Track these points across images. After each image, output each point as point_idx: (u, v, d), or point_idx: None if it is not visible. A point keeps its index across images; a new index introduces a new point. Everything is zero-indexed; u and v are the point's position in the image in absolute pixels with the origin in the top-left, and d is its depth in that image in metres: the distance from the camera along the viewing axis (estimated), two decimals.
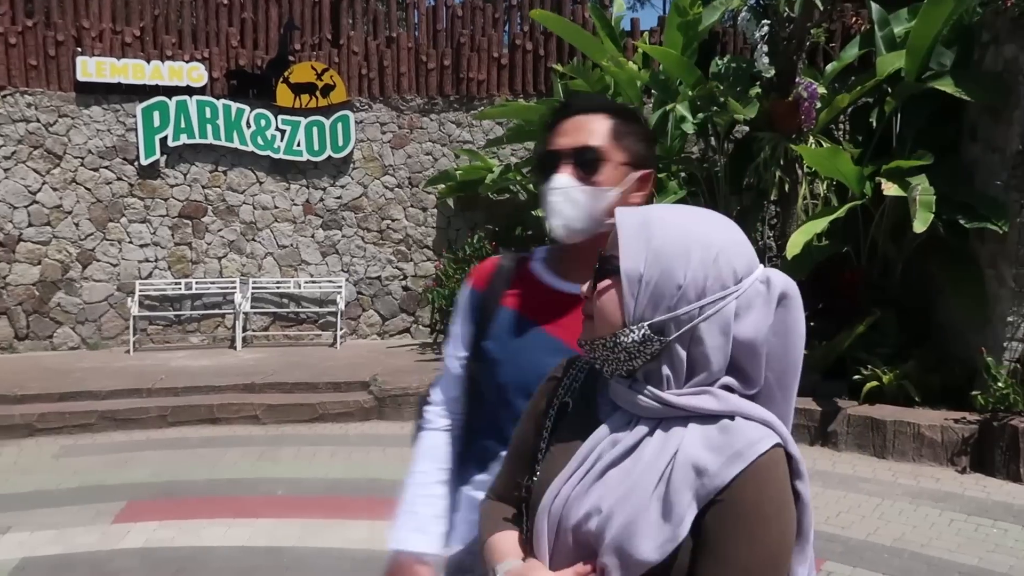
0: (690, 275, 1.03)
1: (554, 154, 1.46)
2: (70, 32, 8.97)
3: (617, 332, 1.06)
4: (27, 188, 8.91)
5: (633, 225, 1.07)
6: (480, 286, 1.56)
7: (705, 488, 0.99)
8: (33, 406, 6.55)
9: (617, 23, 8.64)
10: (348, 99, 9.52)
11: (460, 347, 1.59)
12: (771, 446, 1.02)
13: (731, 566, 0.98)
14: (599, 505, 1.03)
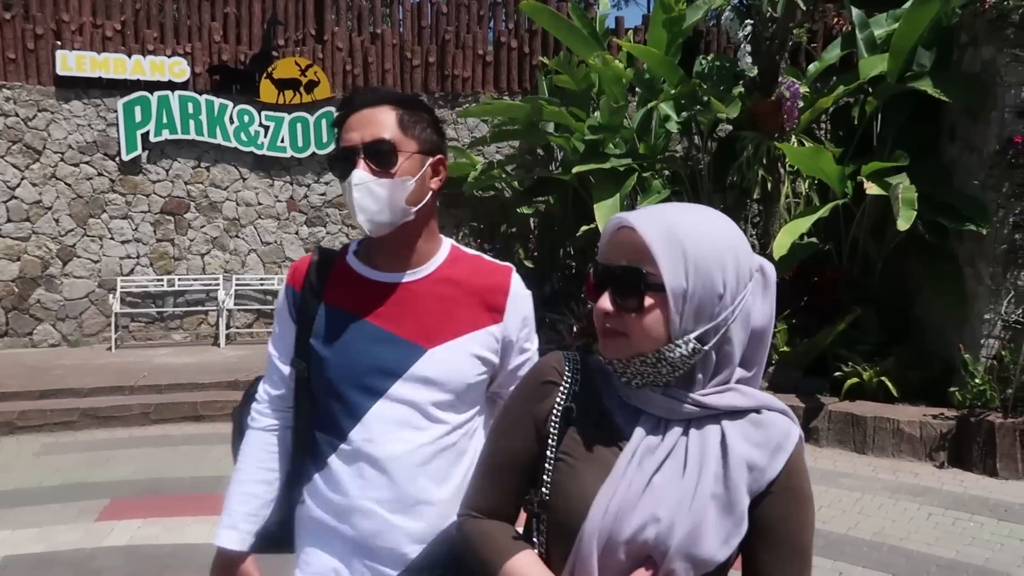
0: (728, 283, 1.05)
1: (348, 150, 1.46)
2: (49, 25, 8.86)
3: (662, 348, 1.05)
4: (6, 183, 8.80)
5: (663, 238, 1.04)
6: (297, 285, 1.55)
7: (757, 482, 1.06)
8: (13, 404, 6.48)
9: (601, 21, 8.67)
10: (332, 95, 9.48)
11: (283, 346, 1.58)
12: (800, 435, 1.11)
13: (791, 544, 1.07)
14: (654, 514, 1.03)
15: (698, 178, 7.77)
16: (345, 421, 1.49)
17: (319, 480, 1.53)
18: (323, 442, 1.52)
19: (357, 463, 1.48)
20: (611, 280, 1.07)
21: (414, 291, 1.51)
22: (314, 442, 1.54)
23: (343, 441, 1.49)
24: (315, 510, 1.54)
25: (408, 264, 1.52)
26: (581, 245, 8.47)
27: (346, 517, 1.49)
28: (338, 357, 1.48)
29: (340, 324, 1.50)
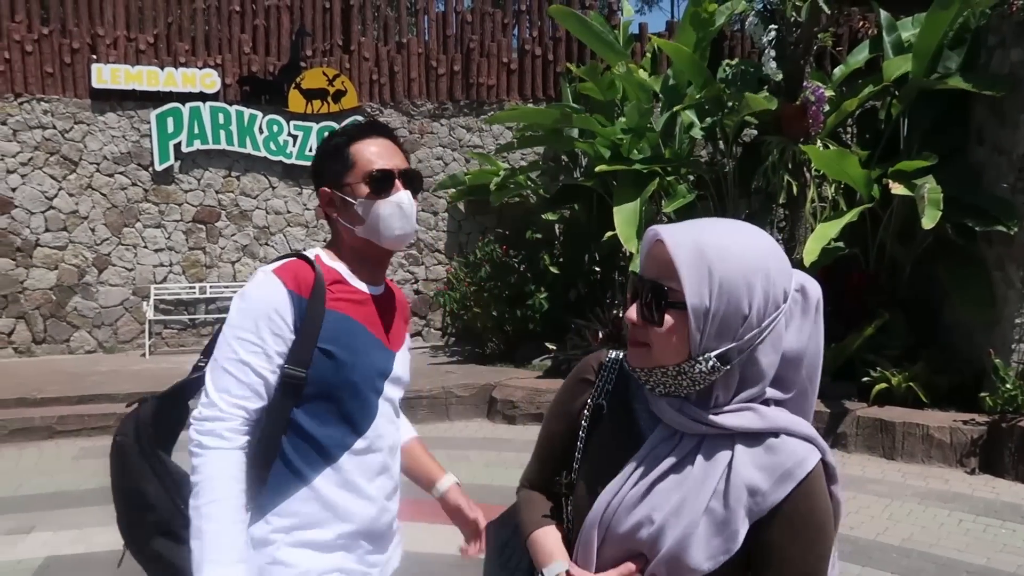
0: (755, 305, 1.06)
1: (391, 172, 1.65)
2: (85, 40, 9.10)
3: (682, 364, 1.08)
4: (44, 194, 9.04)
5: (691, 256, 1.06)
6: (305, 293, 1.56)
7: (759, 506, 1.06)
8: (53, 409, 6.66)
9: (625, 28, 8.70)
10: (359, 104, 9.62)
11: (272, 355, 1.53)
12: (816, 463, 1.08)
13: (783, 564, 1.07)
14: (650, 516, 1.09)
15: (723, 183, 7.77)
16: (362, 419, 1.61)
17: (322, 481, 1.56)
18: (331, 443, 1.57)
19: (367, 457, 1.62)
20: (641, 292, 1.11)
21: (383, 303, 1.71)
22: (323, 438, 1.56)
23: (359, 438, 1.60)
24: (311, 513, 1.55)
25: (379, 279, 1.73)
26: (606, 251, 8.50)
27: (351, 509, 1.59)
28: (357, 360, 1.59)
29: (351, 331, 1.60)
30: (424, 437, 6.63)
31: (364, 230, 1.64)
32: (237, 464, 1.51)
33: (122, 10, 9.26)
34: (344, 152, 1.66)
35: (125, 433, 1.63)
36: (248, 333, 1.53)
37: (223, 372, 1.53)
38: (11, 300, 8.93)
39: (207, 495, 1.48)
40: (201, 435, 1.51)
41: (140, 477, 1.60)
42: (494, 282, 8.60)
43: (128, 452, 1.61)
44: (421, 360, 8.60)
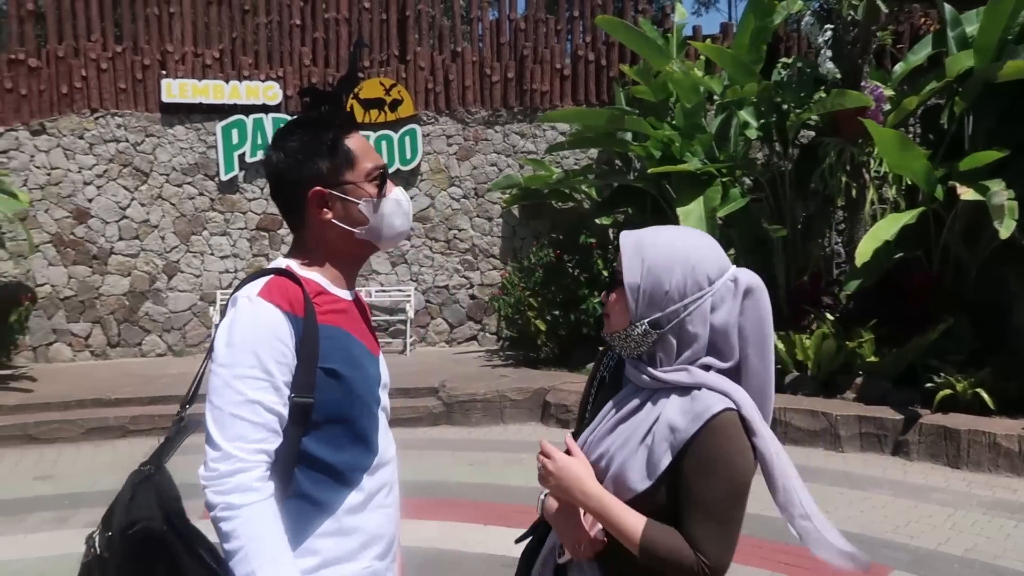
0: (673, 284, 1.40)
1: (385, 168, 1.57)
2: (155, 56, 9.51)
3: (626, 328, 1.44)
4: (117, 204, 9.48)
5: (631, 247, 1.44)
6: (300, 311, 1.42)
7: (676, 441, 1.36)
8: (126, 409, 6.98)
9: (679, 30, 8.67)
10: (415, 113, 9.81)
11: (283, 386, 1.39)
12: (722, 409, 1.36)
13: (694, 499, 1.35)
14: (608, 449, 1.43)
15: (779, 185, 7.66)
16: (373, 435, 1.51)
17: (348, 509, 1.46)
18: (349, 467, 1.46)
19: (380, 473, 1.52)
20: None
21: (358, 307, 1.61)
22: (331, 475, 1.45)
23: (374, 455, 1.50)
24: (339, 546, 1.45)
25: (353, 283, 1.62)
26: None
27: (378, 531, 1.51)
28: (359, 373, 1.49)
29: (348, 344, 1.49)
30: (478, 440, 6.79)
31: (367, 231, 1.53)
32: (276, 515, 1.36)
33: (190, 27, 9.65)
34: (342, 147, 1.51)
35: (151, 516, 1.38)
36: (250, 368, 1.36)
37: (232, 418, 1.35)
38: (88, 305, 9.37)
39: (260, 556, 1.31)
40: (226, 495, 1.32)
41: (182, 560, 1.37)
42: (548, 287, 8.65)
43: (163, 537, 1.37)
44: (476, 364, 8.70)
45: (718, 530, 1.34)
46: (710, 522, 1.34)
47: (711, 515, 1.34)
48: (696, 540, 1.34)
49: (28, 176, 9.19)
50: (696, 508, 1.34)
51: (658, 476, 1.36)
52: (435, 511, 4.78)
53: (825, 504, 4.87)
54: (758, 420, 1.38)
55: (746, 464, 1.36)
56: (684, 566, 1.34)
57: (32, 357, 9.15)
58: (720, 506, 1.34)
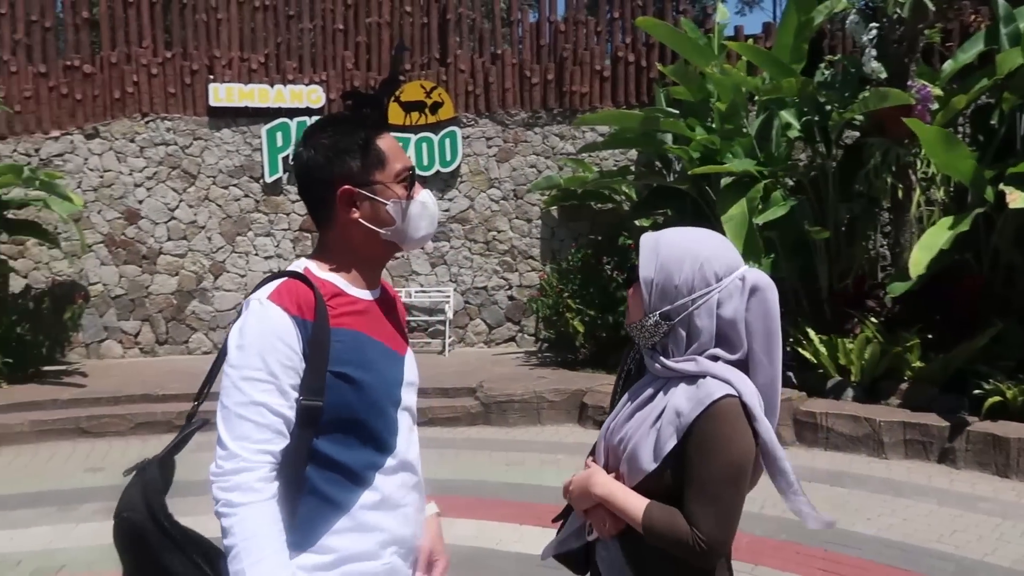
0: (682, 279, 1.51)
1: (414, 169, 1.57)
2: (204, 61, 9.75)
3: (641, 320, 1.56)
4: (166, 205, 9.73)
5: (649, 244, 1.56)
6: (311, 316, 1.42)
7: (681, 424, 1.47)
8: (173, 405, 7.16)
9: (720, 30, 8.59)
10: (455, 115, 9.88)
11: (289, 389, 1.41)
12: (723, 395, 1.46)
13: (693, 478, 1.45)
14: (626, 434, 1.56)
15: (823, 186, 7.54)
16: (389, 436, 1.50)
17: (362, 508, 1.47)
18: (361, 466, 1.47)
19: (398, 473, 1.52)
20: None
21: (382, 307, 1.59)
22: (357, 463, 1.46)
23: (389, 456, 1.50)
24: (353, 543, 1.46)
25: (377, 283, 1.60)
26: None
27: (395, 531, 1.51)
28: (373, 376, 1.47)
29: (361, 346, 1.48)
30: (515, 440, 6.81)
31: (393, 232, 1.52)
32: (275, 516, 1.37)
33: (236, 32, 9.87)
34: (373, 147, 1.51)
35: (133, 508, 1.44)
36: (256, 371, 1.38)
37: (237, 418, 1.38)
38: (138, 304, 9.64)
39: (250, 556, 1.33)
40: (227, 492, 1.36)
41: (163, 554, 1.42)
42: (586, 288, 8.64)
43: (143, 529, 1.42)
44: (514, 364, 8.73)
45: (715, 508, 1.44)
46: (707, 500, 1.44)
47: (708, 494, 1.44)
48: (694, 517, 1.44)
49: (82, 178, 9.49)
50: (694, 487, 1.45)
51: (664, 458, 1.48)
52: (471, 510, 4.82)
53: (867, 511, 4.80)
54: (758, 407, 1.49)
55: (745, 447, 1.46)
56: (681, 541, 1.44)
57: (85, 353, 9.45)
58: (717, 485, 1.44)
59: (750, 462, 1.48)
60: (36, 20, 9.43)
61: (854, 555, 4.16)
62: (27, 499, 5.17)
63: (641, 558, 1.54)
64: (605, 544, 1.62)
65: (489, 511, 4.85)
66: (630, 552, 1.56)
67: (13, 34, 9.35)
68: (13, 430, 6.62)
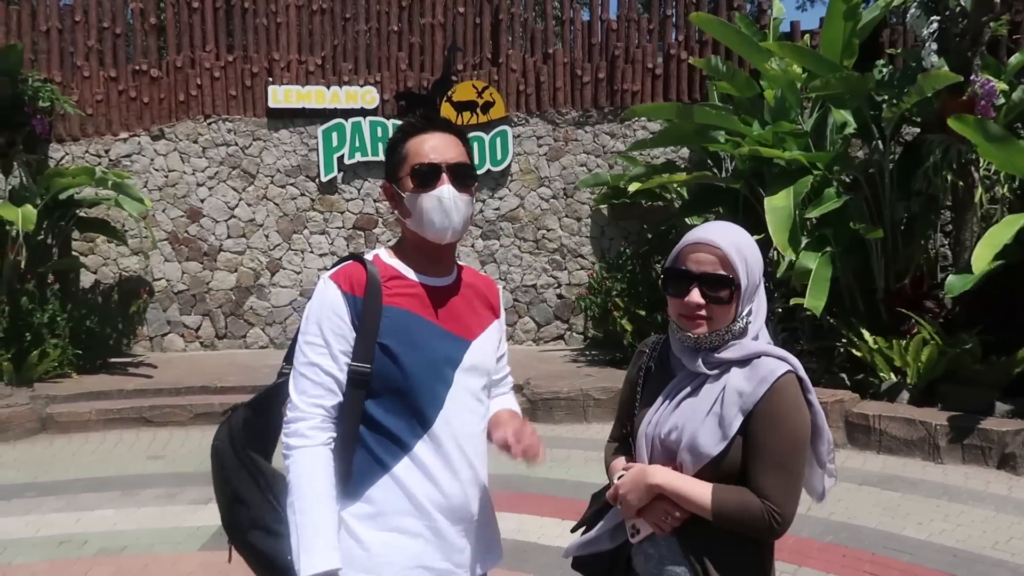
0: (759, 275, 1.62)
1: (436, 166, 1.68)
2: (263, 64, 10.04)
3: (730, 325, 1.59)
4: (227, 204, 10.05)
5: (736, 253, 1.58)
6: (360, 292, 1.63)
7: (745, 403, 1.53)
8: (230, 397, 7.39)
9: (776, 27, 8.46)
10: (507, 115, 9.95)
11: (338, 354, 1.63)
12: (785, 371, 1.55)
13: (762, 451, 1.51)
14: (676, 424, 1.59)
15: (880, 184, 7.35)
16: (429, 409, 1.65)
17: (401, 470, 1.64)
18: (403, 433, 1.64)
19: (442, 448, 1.66)
20: (698, 281, 1.58)
21: (451, 293, 1.76)
22: (394, 429, 1.64)
23: (427, 428, 1.65)
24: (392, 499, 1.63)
25: (445, 270, 1.77)
26: None
27: (431, 500, 1.65)
28: (418, 353, 1.65)
29: (411, 325, 1.66)
30: (561, 438, 6.86)
31: (412, 223, 1.71)
32: (322, 459, 1.60)
33: (295, 36, 10.13)
34: (400, 147, 1.72)
35: (220, 439, 1.77)
36: (314, 337, 1.64)
37: (299, 376, 1.65)
38: (199, 299, 9.99)
39: (297, 491, 1.58)
40: (288, 436, 1.63)
41: (235, 477, 1.72)
42: (635, 287, 8.61)
43: (224, 455, 1.75)
44: (562, 362, 8.76)
45: (785, 479, 1.50)
46: (778, 472, 1.50)
47: (779, 466, 1.50)
48: (765, 490, 1.49)
49: (148, 178, 9.87)
50: (764, 461, 1.50)
51: (731, 438, 1.53)
52: (515, 504, 4.87)
53: (920, 516, 4.69)
54: (808, 380, 1.58)
55: (805, 420, 1.55)
56: (755, 517, 1.49)
57: (149, 346, 9.83)
58: (786, 458, 1.51)
59: (809, 433, 1.56)
60: (107, 27, 9.85)
61: (904, 559, 4.07)
62: (93, 484, 5.43)
63: (700, 551, 1.56)
64: (655, 542, 1.62)
65: (532, 506, 4.90)
66: (689, 545, 1.57)
67: (86, 40, 9.79)
68: (82, 418, 6.94)
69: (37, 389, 7.38)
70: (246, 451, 1.74)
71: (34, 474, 5.68)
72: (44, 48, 9.62)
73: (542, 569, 3.99)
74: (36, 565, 4.09)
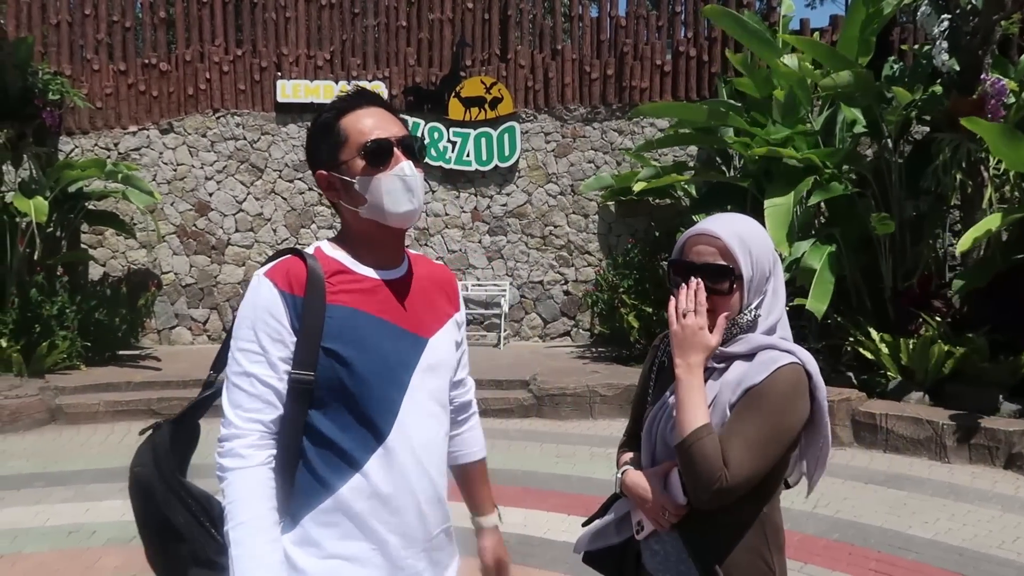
0: (769, 268, 1.58)
1: (388, 142, 1.48)
2: (272, 59, 10.06)
3: (735, 317, 1.56)
4: (235, 198, 10.08)
5: (738, 244, 1.54)
6: (299, 291, 1.44)
7: (741, 387, 1.49)
8: None
9: (785, 24, 8.44)
10: (515, 111, 9.96)
11: (275, 362, 1.43)
12: (789, 362, 1.49)
13: (735, 432, 1.45)
14: None
15: (888, 182, 7.34)
16: (383, 419, 1.46)
17: (348, 491, 1.44)
18: (353, 447, 1.44)
19: (396, 461, 1.47)
20: (701, 273, 1.55)
21: (404, 286, 1.55)
22: (348, 442, 1.45)
23: (382, 440, 1.46)
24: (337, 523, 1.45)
25: (396, 261, 1.57)
26: None
27: (382, 522, 1.46)
28: (368, 355, 1.45)
29: (359, 324, 1.47)
30: (567, 433, 6.86)
31: (368, 210, 1.49)
32: (261, 482, 1.41)
33: (303, 30, 10.15)
34: (335, 127, 1.50)
35: (143, 463, 1.52)
36: (248, 343, 1.44)
37: (233, 387, 1.44)
38: (206, 293, 10.03)
39: (234, 519, 1.39)
40: (222, 457, 1.43)
41: (166, 507, 1.50)
42: (642, 284, 8.61)
43: (150, 483, 1.51)
44: (568, 359, 8.77)
45: (753, 456, 1.44)
46: (752, 446, 1.44)
47: (754, 440, 1.44)
48: (731, 452, 1.43)
49: (157, 171, 9.91)
50: (745, 428, 1.45)
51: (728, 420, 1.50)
52: (520, 499, 4.89)
53: (927, 515, 4.69)
54: (819, 375, 1.53)
55: (800, 411, 1.49)
56: (710, 468, 1.42)
57: (157, 339, 9.87)
58: (760, 435, 1.45)
59: (799, 428, 1.51)
60: (117, 20, 9.88)
61: (909, 558, 4.07)
62: (102, 474, 5.46)
63: (703, 550, 1.53)
64: (660, 538, 1.60)
65: (538, 501, 4.91)
66: (692, 544, 1.54)
67: (96, 34, 9.82)
68: (91, 409, 6.98)
69: (46, 380, 7.43)
70: (175, 476, 1.52)
71: (43, 464, 5.72)
72: (54, 41, 9.66)
73: (548, 564, 4.00)
74: (45, 554, 4.12)
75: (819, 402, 1.52)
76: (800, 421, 1.50)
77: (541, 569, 3.95)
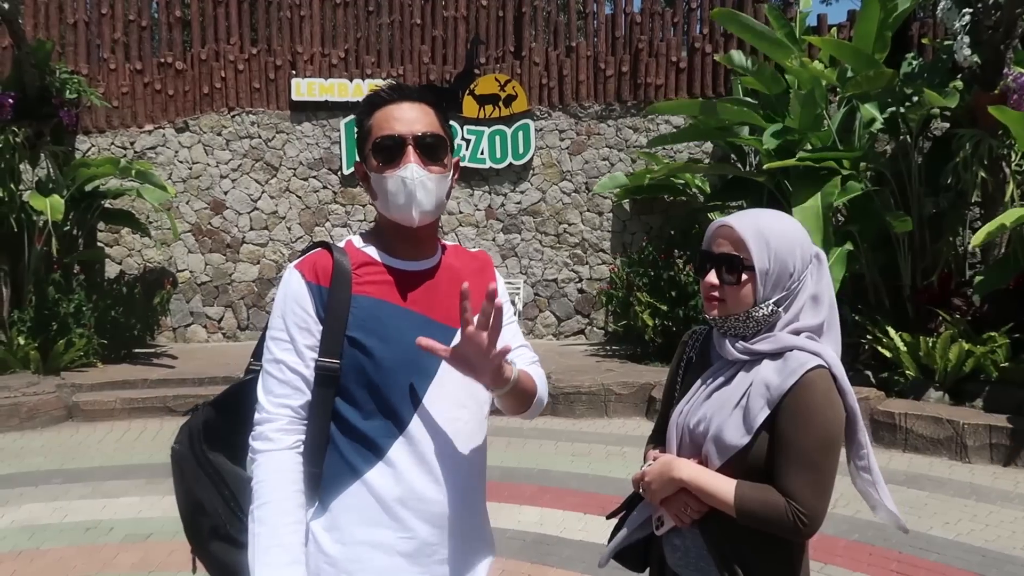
0: (795, 265, 1.54)
1: (398, 139, 1.48)
2: (287, 57, 10.07)
3: (749, 310, 1.55)
4: (249, 196, 10.11)
5: (755, 235, 1.53)
6: (325, 282, 1.49)
7: (772, 396, 1.48)
8: None
9: (802, 20, 8.35)
10: (529, 108, 9.93)
11: (303, 350, 1.48)
12: (814, 366, 1.49)
13: (789, 448, 1.46)
14: (706, 415, 1.56)
15: (907, 180, 7.25)
16: (405, 408, 1.49)
17: (375, 476, 1.47)
18: (377, 434, 1.48)
19: (421, 449, 1.49)
20: (715, 262, 1.56)
21: (433, 277, 1.57)
22: (368, 431, 1.48)
23: (404, 428, 1.48)
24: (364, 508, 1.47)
25: (425, 253, 1.58)
26: None
27: (409, 505, 1.48)
28: (392, 345, 1.48)
29: (384, 314, 1.49)
30: (582, 432, 6.83)
31: (380, 205, 1.54)
32: (287, 464, 1.46)
33: (318, 29, 10.16)
34: (366, 120, 1.54)
35: (180, 442, 1.62)
36: (278, 331, 1.50)
37: (265, 374, 1.51)
38: (221, 291, 10.06)
39: (259, 499, 1.45)
40: (254, 440, 1.49)
41: (195, 483, 1.58)
42: (657, 282, 8.56)
43: (183, 460, 1.60)
44: (582, 357, 8.73)
45: (812, 479, 1.43)
46: (805, 471, 1.44)
47: (805, 464, 1.44)
48: (791, 490, 1.43)
49: (172, 170, 9.95)
50: (790, 457, 1.44)
51: (755, 431, 1.48)
52: (536, 498, 4.87)
53: (948, 516, 4.62)
54: (845, 377, 1.52)
55: (837, 416, 1.48)
56: (779, 516, 1.43)
57: (172, 337, 9.92)
58: (814, 455, 1.44)
59: (843, 430, 1.50)
60: (133, 20, 9.93)
61: (931, 559, 4.02)
62: (119, 471, 5.49)
63: (723, 545, 1.52)
64: (681, 534, 1.59)
65: (554, 500, 4.89)
66: (712, 539, 1.53)
67: (112, 33, 9.87)
68: (107, 407, 7.02)
69: (63, 378, 7.48)
70: (206, 454, 1.59)
71: (61, 461, 5.75)
72: (71, 41, 9.72)
73: (564, 562, 3.98)
74: (64, 550, 4.14)
75: (848, 405, 1.51)
76: (840, 424, 1.49)
77: (557, 568, 3.92)
